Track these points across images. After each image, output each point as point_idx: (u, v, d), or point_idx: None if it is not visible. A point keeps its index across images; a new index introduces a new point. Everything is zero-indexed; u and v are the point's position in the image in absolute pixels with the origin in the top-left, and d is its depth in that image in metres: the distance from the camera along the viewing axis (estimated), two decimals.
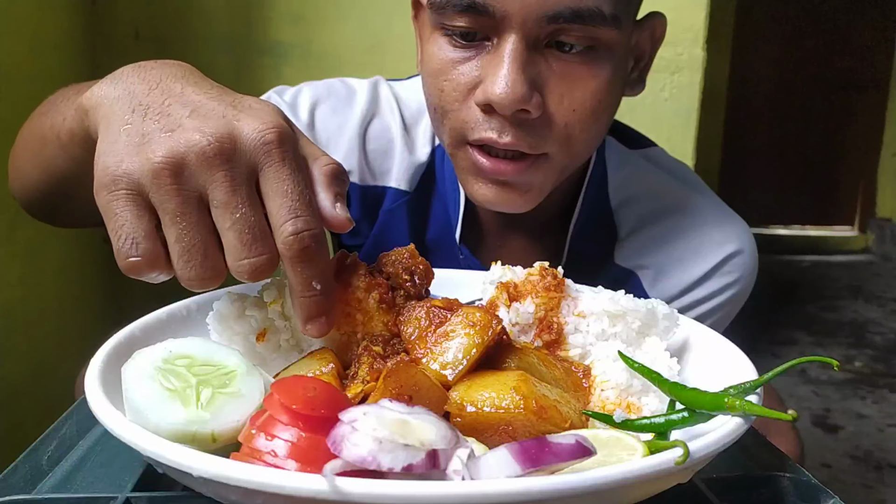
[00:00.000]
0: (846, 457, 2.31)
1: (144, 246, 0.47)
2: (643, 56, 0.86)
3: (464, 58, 0.76)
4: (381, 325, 0.55)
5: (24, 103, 1.57)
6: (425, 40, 0.81)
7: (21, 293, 1.55)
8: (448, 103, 0.78)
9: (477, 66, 0.75)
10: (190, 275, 0.48)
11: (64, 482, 0.47)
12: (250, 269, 0.48)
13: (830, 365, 0.48)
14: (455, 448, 0.38)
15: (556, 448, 0.37)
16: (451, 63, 0.77)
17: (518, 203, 0.81)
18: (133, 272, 0.47)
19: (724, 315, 0.98)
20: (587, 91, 0.76)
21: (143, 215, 0.47)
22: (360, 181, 0.97)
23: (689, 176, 1.03)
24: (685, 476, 0.43)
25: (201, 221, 0.47)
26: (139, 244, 0.46)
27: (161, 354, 0.47)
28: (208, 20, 1.93)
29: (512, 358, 0.52)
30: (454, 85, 0.77)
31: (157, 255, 0.47)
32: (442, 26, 0.76)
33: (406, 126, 0.98)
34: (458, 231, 0.95)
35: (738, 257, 0.95)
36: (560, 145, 0.77)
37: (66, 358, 1.66)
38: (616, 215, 0.97)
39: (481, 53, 0.75)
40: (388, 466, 0.36)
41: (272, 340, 0.56)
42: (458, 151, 0.81)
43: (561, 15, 0.70)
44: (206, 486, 0.38)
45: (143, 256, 0.47)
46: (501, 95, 0.71)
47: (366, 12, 1.93)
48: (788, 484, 0.48)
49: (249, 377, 0.47)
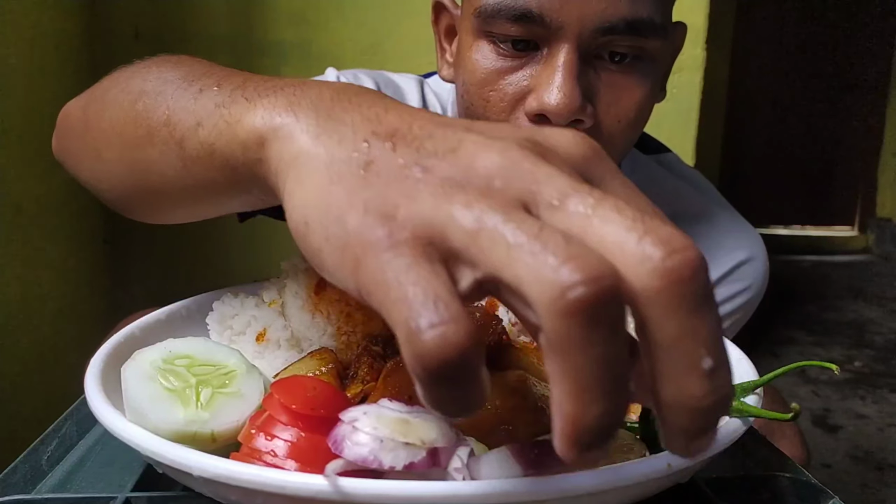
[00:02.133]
0: (846, 457, 2.31)
1: (456, 307, 0.27)
2: (664, 64, 0.87)
3: (512, 67, 0.74)
4: (382, 325, 0.55)
5: (24, 103, 1.57)
6: (466, 48, 0.78)
7: (21, 293, 1.55)
8: (495, 113, 0.76)
9: (526, 76, 0.74)
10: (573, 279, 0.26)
11: (64, 482, 0.47)
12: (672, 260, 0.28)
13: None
14: (456, 447, 0.38)
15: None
16: (497, 72, 0.75)
17: None
18: (443, 352, 0.27)
19: (735, 322, 0.98)
20: (632, 101, 0.75)
21: (441, 273, 0.29)
22: None
23: (701, 183, 1.03)
24: (685, 476, 0.43)
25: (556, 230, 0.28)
26: (448, 304, 0.27)
27: (161, 354, 0.47)
28: (208, 20, 1.93)
29: (512, 358, 0.52)
30: (501, 95, 0.75)
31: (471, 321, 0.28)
32: (488, 34, 0.74)
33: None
34: None
35: (749, 264, 0.94)
36: None
37: (66, 358, 1.66)
38: None
39: (531, 63, 0.74)
40: (389, 465, 0.36)
41: (272, 340, 0.56)
42: None
43: (616, 27, 0.70)
44: (206, 485, 0.38)
45: (456, 322, 0.27)
46: (559, 106, 0.70)
47: (366, 12, 1.93)
48: (788, 484, 0.48)
49: (249, 377, 0.47)
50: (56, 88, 1.64)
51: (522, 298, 0.27)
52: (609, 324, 0.26)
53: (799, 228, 5.25)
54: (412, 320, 0.27)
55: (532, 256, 0.26)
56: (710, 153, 4.41)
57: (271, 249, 1.96)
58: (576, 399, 0.26)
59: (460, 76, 0.81)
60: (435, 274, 0.28)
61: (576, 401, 0.26)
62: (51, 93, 1.61)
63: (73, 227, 1.82)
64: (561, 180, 0.30)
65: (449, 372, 0.27)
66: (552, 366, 0.26)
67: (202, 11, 1.92)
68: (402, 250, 0.29)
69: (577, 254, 0.26)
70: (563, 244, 0.26)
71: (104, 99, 0.55)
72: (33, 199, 1.62)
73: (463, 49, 0.80)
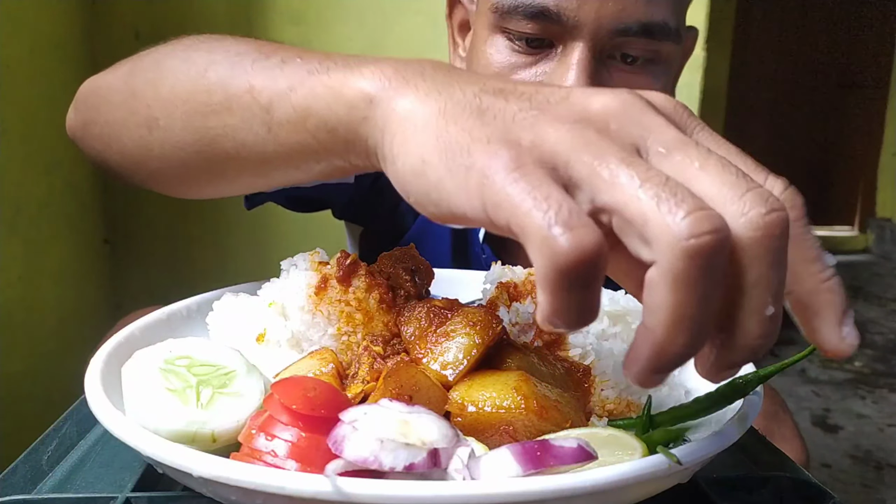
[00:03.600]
0: (846, 457, 2.31)
1: (586, 216, 0.30)
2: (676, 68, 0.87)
3: (526, 63, 0.75)
4: (382, 325, 0.55)
5: (24, 103, 1.57)
6: (480, 42, 0.79)
7: (21, 293, 1.55)
8: None
9: (540, 73, 0.74)
10: (696, 228, 0.29)
11: (64, 482, 0.47)
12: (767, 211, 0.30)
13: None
14: (456, 447, 0.38)
15: (558, 451, 0.37)
16: (511, 67, 0.75)
17: None
18: (580, 252, 0.28)
19: None
20: None
21: (565, 192, 0.31)
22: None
23: None
24: (685, 476, 0.43)
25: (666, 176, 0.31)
26: (580, 214, 0.29)
27: (161, 354, 0.47)
28: (208, 20, 1.93)
29: (512, 357, 0.52)
30: None
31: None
32: (504, 30, 0.75)
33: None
34: (481, 231, 0.95)
35: None
36: None
37: (66, 358, 1.66)
38: None
39: (545, 60, 0.74)
40: (390, 466, 0.36)
41: (272, 340, 0.56)
42: None
43: (630, 28, 0.70)
44: (206, 486, 0.38)
45: (589, 227, 0.29)
46: None
47: (366, 12, 1.93)
48: (788, 484, 0.48)
49: (249, 377, 0.47)
50: (56, 88, 1.64)
51: (641, 234, 0.30)
52: (718, 270, 0.29)
53: None
54: (548, 226, 0.29)
55: (661, 203, 0.29)
56: None
57: (271, 249, 1.96)
58: (671, 328, 0.29)
59: (476, 70, 0.81)
60: (562, 191, 0.31)
61: (670, 330, 0.29)
62: (51, 93, 1.61)
63: (73, 227, 1.82)
64: (669, 132, 0.33)
65: (583, 273, 0.29)
66: (656, 297, 0.29)
67: (202, 11, 1.92)
68: (529, 170, 0.31)
69: (701, 206, 0.29)
70: (689, 196, 0.29)
71: (159, 68, 0.54)
72: (33, 199, 1.62)
73: (478, 43, 0.80)
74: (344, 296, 0.55)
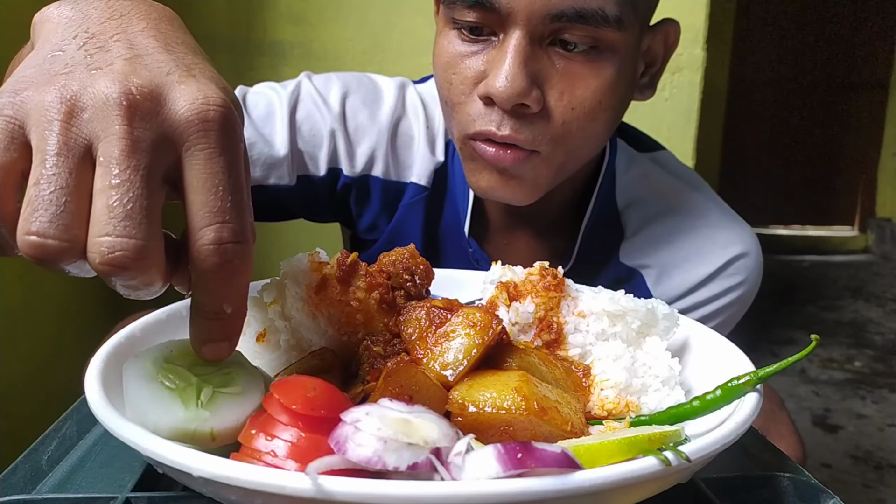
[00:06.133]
0: (846, 457, 2.31)
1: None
2: (655, 61, 0.87)
3: (471, 52, 0.78)
4: (382, 326, 0.55)
5: None
6: (438, 33, 0.83)
7: (21, 293, 1.55)
8: (455, 96, 0.80)
9: (483, 61, 0.77)
10: (30, 227, 0.36)
11: (64, 482, 0.47)
12: (107, 251, 0.36)
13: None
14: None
15: (540, 454, 0.36)
16: (459, 56, 0.79)
17: (519, 194, 0.82)
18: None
19: (729, 318, 0.98)
20: (588, 90, 0.77)
21: (10, 147, 0.38)
22: (384, 175, 0.97)
23: (695, 180, 1.04)
24: (685, 476, 0.43)
25: (76, 171, 0.37)
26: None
27: (161, 354, 0.47)
28: (208, 20, 1.93)
29: (513, 358, 0.52)
30: (461, 78, 0.79)
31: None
32: (452, 20, 0.78)
33: (429, 126, 0.99)
34: (466, 225, 0.96)
35: (742, 260, 0.95)
36: (556, 143, 0.79)
37: (66, 358, 1.66)
38: (623, 216, 0.98)
39: (488, 48, 0.77)
40: (393, 466, 0.36)
41: (272, 340, 0.56)
42: (465, 145, 0.82)
43: (564, 14, 0.72)
44: (206, 486, 0.38)
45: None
46: (501, 89, 0.73)
47: (366, 12, 1.93)
48: (788, 484, 0.48)
49: (250, 377, 0.47)
50: None
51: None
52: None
53: (799, 228, 5.25)
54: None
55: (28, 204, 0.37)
56: (710, 153, 4.41)
57: (271, 249, 1.96)
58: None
59: (434, 61, 0.84)
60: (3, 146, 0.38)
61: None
62: None
63: None
64: (111, 144, 0.37)
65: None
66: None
67: (202, 11, 1.92)
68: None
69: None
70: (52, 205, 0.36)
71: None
72: None
73: (436, 35, 0.84)
74: (344, 296, 0.55)
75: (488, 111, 0.77)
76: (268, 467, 0.38)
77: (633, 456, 0.39)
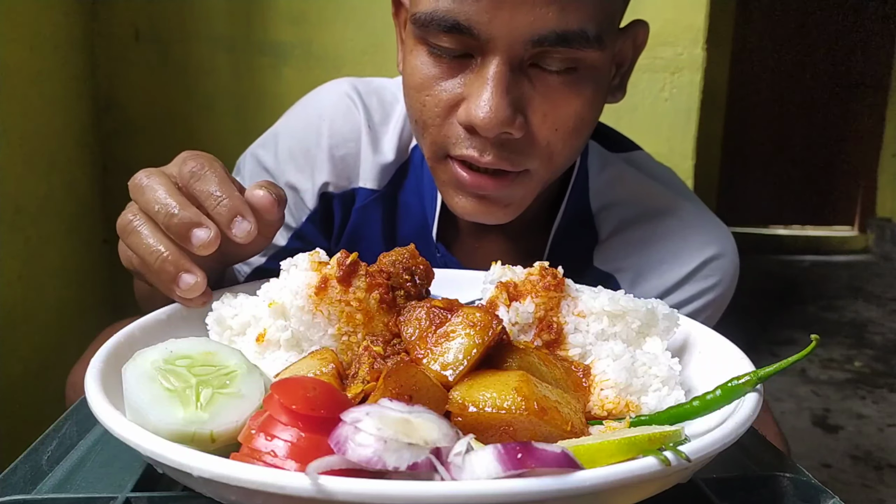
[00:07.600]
0: (846, 457, 2.31)
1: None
2: (624, 63, 0.86)
3: (446, 74, 0.75)
4: (382, 326, 0.55)
5: (24, 103, 1.57)
6: (408, 51, 0.79)
7: (21, 293, 1.55)
8: (430, 118, 0.77)
9: (460, 84, 0.74)
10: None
11: (64, 482, 0.47)
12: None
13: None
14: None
15: (540, 454, 0.36)
16: (433, 79, 0.76)
17: (498, 216, 0.81)
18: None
19: (706, 319, 0.96)
20: (570, 109, 0.75)
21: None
22: (336, 189, 0.97)
23: (672, 180, 1.02)
24: (685, 476, 0.43)
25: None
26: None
27: (161, 354, 0.47)
28: (208, 20, 1.93)
29: (513, 358, 0.52)
30: (436, 101, 0.76)
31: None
32: (425, 41, 0.75)
33: (371, 126, 0.97)
34: (434, 229, 0.94)
35: (717, 261, 0.93)
36: (542, 161, 0.77)
37: (66, 358, 1.66)
38: (596, 219, 0.96)
39: (464, 71, 0.74)
40: (393, 466, 0.36)
41: (272, 341, 0.56)
42: (439, 165, 0.80)
43: (546, 39, 0.70)
44: (206, 486, 0.38)
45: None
46: (485, 119, 0.71)
47: (366, 12, 1.93)
48: (788, 484, 0.48)
49: (249, 377, 0.47)
50: (56, 88, 1.64)
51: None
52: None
53: (799, 228, 5.25)
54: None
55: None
56: (710, 153, 4.41)
57: None
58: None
59: (403, 78, 0.81)
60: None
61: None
62: (51, 93, 1.61)
63: (73, 227, 1.82)
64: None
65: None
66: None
67: (202, 11, 1.92)
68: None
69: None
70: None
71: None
72: (33, 199, 1.62)
73: (405, 52, 0.81)
74: (344, 296, 0.55)
75: (469, 137, 0.75)
76: (268, 467, 0.38)
77: (633, 456, 0.39)
